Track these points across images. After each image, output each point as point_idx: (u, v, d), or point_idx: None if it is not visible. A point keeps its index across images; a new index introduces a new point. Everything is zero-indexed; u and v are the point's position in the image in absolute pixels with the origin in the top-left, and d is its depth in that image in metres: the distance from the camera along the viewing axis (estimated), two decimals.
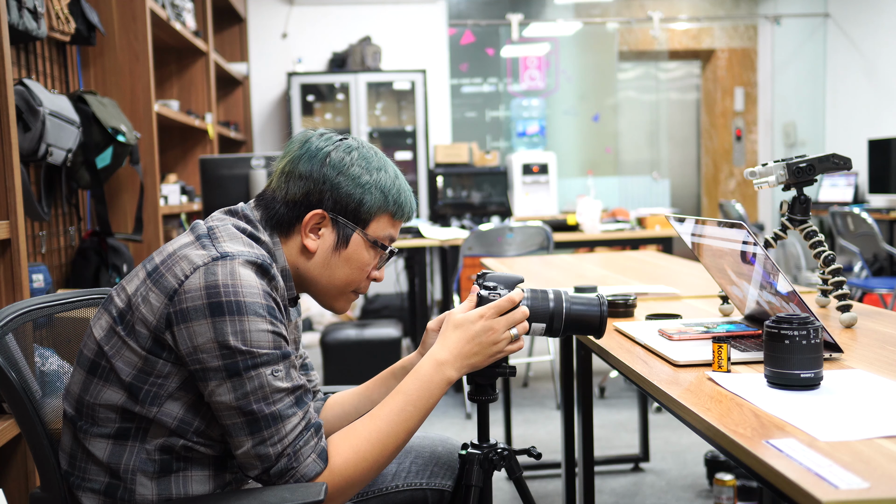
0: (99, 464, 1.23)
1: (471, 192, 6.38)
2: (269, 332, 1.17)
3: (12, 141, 2.06)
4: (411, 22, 6.85)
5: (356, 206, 1.31)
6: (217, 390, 1.16)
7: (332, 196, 1.30)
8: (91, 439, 1.23)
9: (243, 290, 1.16)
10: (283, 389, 1.17)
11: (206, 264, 1.17)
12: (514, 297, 1.33)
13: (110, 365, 1.21)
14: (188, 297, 1.16)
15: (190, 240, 1.24)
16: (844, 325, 1.60)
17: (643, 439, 3.29)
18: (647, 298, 2.05)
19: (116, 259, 3.08)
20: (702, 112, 8.09)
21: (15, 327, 1.30)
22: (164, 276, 1.19)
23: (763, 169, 1.70)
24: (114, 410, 1.21)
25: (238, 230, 1.27)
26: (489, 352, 1.31)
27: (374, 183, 1.31)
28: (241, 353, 1.15)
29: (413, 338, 4.51)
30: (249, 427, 1.16)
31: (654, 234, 4.45)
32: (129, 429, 1.21)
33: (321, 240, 1.31)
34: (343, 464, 1.20)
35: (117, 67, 3.38)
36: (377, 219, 1.33)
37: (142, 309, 1.19)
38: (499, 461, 1.43)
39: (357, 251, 1.33)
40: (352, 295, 1.38)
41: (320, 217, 1.30)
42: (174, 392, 1.20)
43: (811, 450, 0.92)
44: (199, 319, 1.15)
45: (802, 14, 7.11)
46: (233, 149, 6.21)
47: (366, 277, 1.36)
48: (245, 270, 1.18)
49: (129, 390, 1.20)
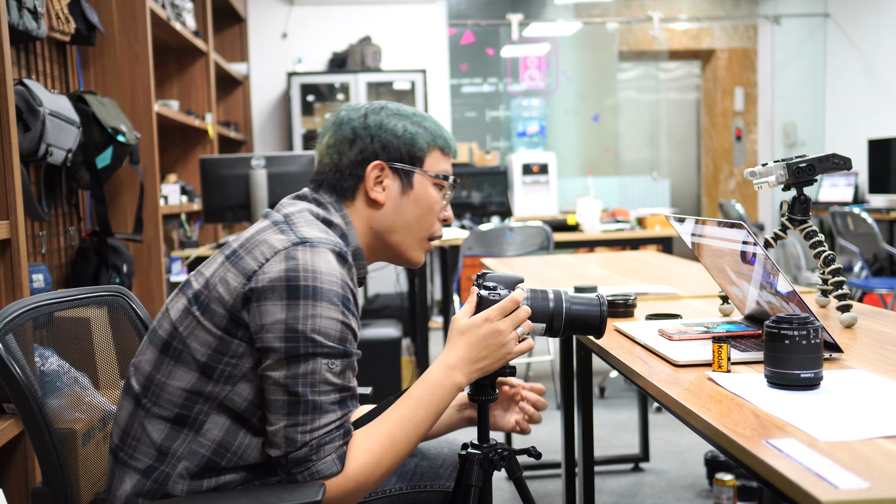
0: (151, 444, 1.24)
1: (471, 192, 6.38)
2: (338, 322, 1.19)
3: (12, 141, 2.06)
4: (411, 22, 6.84)
5: (408, 148, 1.36)
6: (271, 365, 1.18)
7: (383, 147, 1.35)
8: (151, 419, 1.24)
9: (322, 277, 1.18)
10: (331, 383, 1.19)
11: (287, 248, 1.20)
12: (517, 297, 1.33)
13: (184, 345, 1.23)
14: (267, 278, 1.18)
15: (267, 224, 1.27)
16: (844, 325, 1.60)
17: (643, 439, 3.29)
18: (647, 298, 2.05)
19: (116, 259, 3.08)
20: (702, 112, 8.09)
21: (21, 324, 1.31)
22: (244, 259, 1.21)
23: (763, 169, 1.70)
24: (181, 392, 1.23)
25: (313, 215, 1.30)
26: (498, 354, 1.31)
27: (416, 124, 1.37)
28: (305, 339, 1.17)
29: (413, 338, 4.51)
30: (289, 407, 1.17)
31: (654, 234, 4.45)
32: (187, 416, 1.23)
33: (386, 191, 1.35)
34: (360, 468, 1.20)
35: (117, 67, 3.38)
36: (429, 155, 1.38)
37: (219, 289, 1.21)
38: (499, 461, 1.43)
39: (423, 190, 1.37)
40: (427, 243, 1.41)
41: (380, 168, 1.34)
42: (247, 373, 1.22)
43: (811, 450, 0.92)
44: (273, 300, 1.17)
45: (802, 14, 7.11)
46: (233, 149, 6.21)
47: (437, 219, 1.40)
48: (325, 257, 1.20)
49: (203, 370, 1.22)
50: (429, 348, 4.28)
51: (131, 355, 1.55)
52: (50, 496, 1.28)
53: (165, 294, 3.61)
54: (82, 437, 1.53)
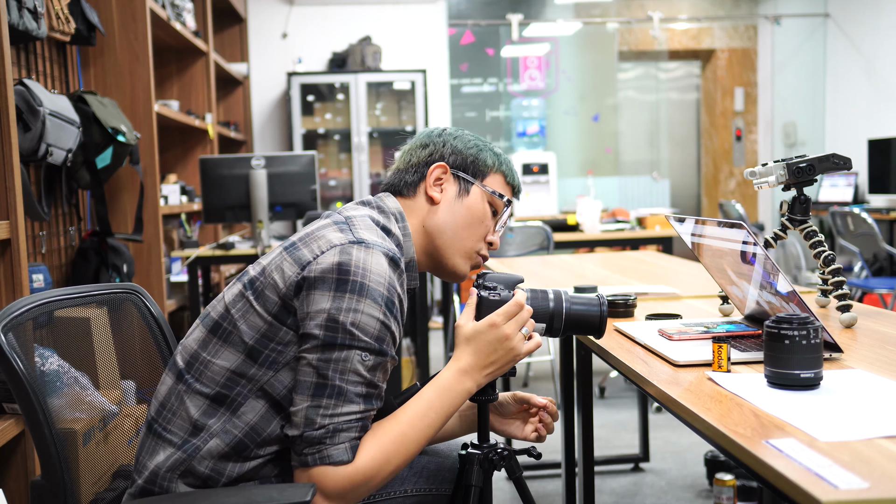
0: (188, 418, 1.27)
1: None
2: (378, 321, 1.22)
3: (12, 141, 2.06)
4: (411, 22, 6.84)
5: (473, 160, 1.44)
6: (307, 349, 1.22)
7: (451, 153, 1.44)
8: (191, 394, 1.28)
9: (371, 276, 1.22)
10: (361, 375, 1.21)
11: (343, 245, 1.24)
12: (520, 300, 1.33)
13: (234, 327, 1.27)
14: (319, 269, 1.22)
15: (328, 223, 1.31)
16: (844, 325, 1.60)
17: (643, 439, 3.29)
18: (647, 298, 2.05)
19: (116, 259, 3.08)
20: (702, 112, 8.09)
21: (26, 320, 1.31)
22: (301, 250, 1.26)
23: (763, 169, 1.70)
24: (224, 371, 1.26)
25: (373, 221, 1.34)
26: (508, 358, 1.33)
27: (487, 146, 1.47)
28: (344, 330, 1.20)
29: (413, 338, 4.51)
30: (315, 389, 1.20)
31: (654, 234, 4.45)
32: (226, 396, 1.26)
33: (444, 192, 1.42)
34: (370, 461, 1.22)
35: (117, 67, 3.38)
36: (492, 175, 1.45)
37: (274, 276, 1.25)
38: (499, 461, 1.43)
39: (477, 201, 1.43)
40: (475, 256, 1.46)
41: (443, 170, 1.42)
42: (291, 361, 1.25)
43: (811, 450, 0.92)
44: (322, 289, 1.21)
45: (802, 14, 7.11)
46: (233, 149, 6.21)
47: (484, 236, 1.45)
48: (378, 259, 1.24)
49: (250, 353, 1.25)
50: (429, 348, 4.28)
51: (137, 354, 1.56)
52: (49, 489, 1.28)
53: (165, 294, 3.61)
54: (82, 436, 1.53)
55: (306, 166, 3.85)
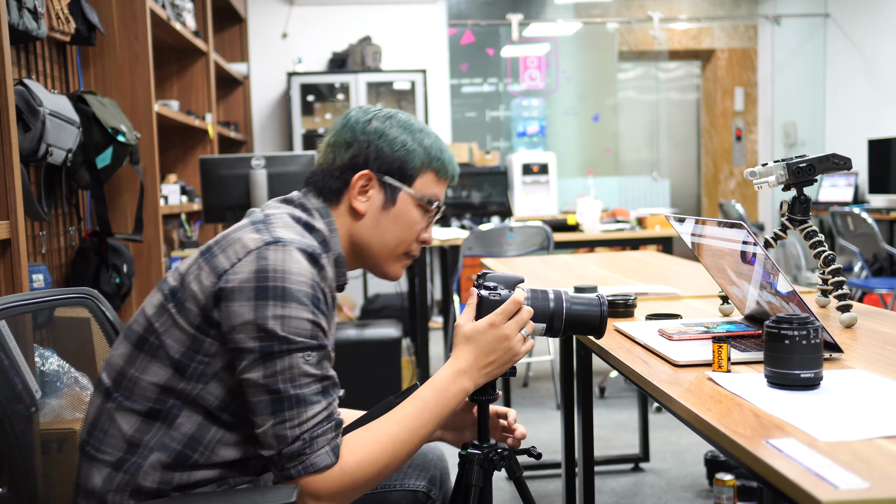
0: (121, 436, 1.23)
1: (471, 192, 6.38)
2: (308, 322, 1.19)
3: (12, 141, 2.06)
4: (411, 22, 6.84)
5: (400, 164, 1.34)
6: (248, 367, 1.18)
7: (376, 157, 1.34)
8: (122, 412, 1.24)
9: (291, 277, 1.18)
10: (311, 375, 1.19)
11: (259, 248, 1.20)
12: (519, 299, 1.33)
13: (160, 341, 1.23)
14: (237, 278, 1.18)
15: (245, 224, 1.27)
16: (844, 325, 1.60)
17: (643, 439, 3.29)
18: (647, 298, 2.05)
19: (116, 259, 3.08)
20: (702, 112, 8.09)
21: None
22: (217, 256, 1.22)
23: (763, 169, 1.70)
24: (154, 388, 1.23)
25: (293, 219, 1.30)
26: (506, 358, 1.32)
27: (417, 142, 1.36)
28: (278, 337, 1.17)
29: (413, 338, 4.51)
30: (273, 406, 1.17)
31: (654, 234, 4.45)
32: (160, 410, 1.23)
33: (370, 201, 1.35)
34: (356, 464, 1.20)
35: (117, 67, 3.38)
36: (422, 176, 1.36)
37: (193, 287, 1.22)
38: (499, 461, 1.43)
39: (405, 209, 1.36)
40: (404, 258, 1.41)
41: (367, 178, 1.34)
42: (219, 372, 1.22)
43: (811, 450, 0.92)
44: (243, 300, 1.17)
45: (802, 14, 7.11)
46: (233, 149, 6.21)
47: (415, 238, 1.39)
48: (296, 257, 1.20)
49: (177, 367, 1.22)
50: (429, 348, 4.28)
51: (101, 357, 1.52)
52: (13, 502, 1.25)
53: None
54: None
55: (306, 166, 3.85)
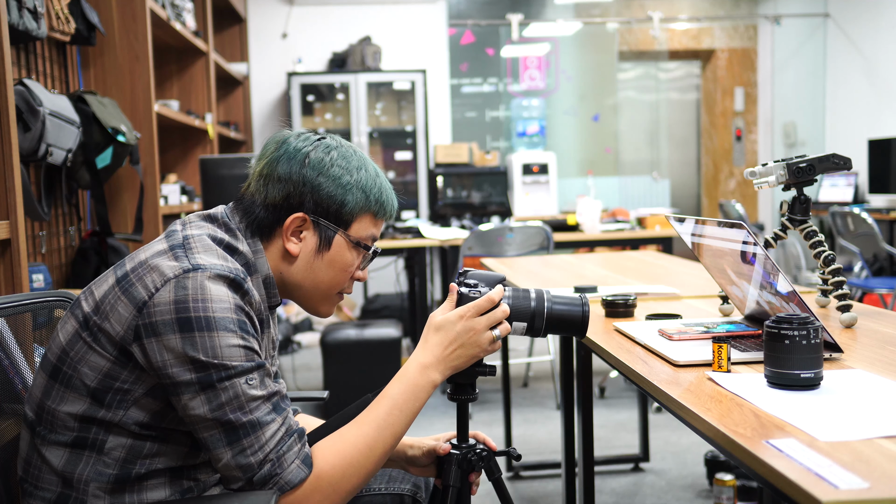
0: (53, 472, 1.19)
1: (471, 192, 6.38)
2: (239, 347, 1.15)
3: (12, 141, 2.06)
4: (411, 22, 6.85)
5: (338, 207, 1.28)
6: (191, 403, 1.14)
7: (312, 198, 1.27)
8: (48, 446, 1.20)
9: (213, 306, 1.14)
10: (258, 397, 1.15)
11: (177, 276, 1.14)
12: (494, 296, 1.31)
13: (74, 371, 1.18)
14: (157, 311, 1.13)
15: (163, 248, 1.21)
16: (844, 325, 1.60)
17: (643, 439, 3.29)
18: (647, 298, 2.05)
19: (116, 259, 3.08)
20: (702, 112, 8.09)
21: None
22: (134, 286, 1.16)
23: (763, 169, 1.70)
24: (74, 419, 1.18)
25: (214, 241, 1.24)
26: (471, 353, 1.30)
27: (355, 183, 1.29)
28: (213, 366, 1.13)
29: (413, 338, 4.51)
30: (227, 437, 1.14)
31: (654, 234, 4.45)
32: (86, 438, 1.18)
33: (303, 243, 1.29)
34: (330, 470, 1.18)
35: (117, 67, 3.38)
36: (359, 219, 1.31)
37: (109, 317, 1.16)
38: (477, 462, 1.42)
39: (340, 253, 1.31)
40: (336, 297, 1.35)
41: (301, 220, 1.27)
42: (140, 398, 1.17)
43: (811, 450, 0.92)
44: (168, 334, 1.13)
45: (802, 14, 7.11)
46: (233, 149, 6.21)
47: (349, 278, 1.34)
48: (215, 285, 1.15)
49: (94, 396, 1.17)
50: None
51: None
52: None
53: None
54: None
55: None
